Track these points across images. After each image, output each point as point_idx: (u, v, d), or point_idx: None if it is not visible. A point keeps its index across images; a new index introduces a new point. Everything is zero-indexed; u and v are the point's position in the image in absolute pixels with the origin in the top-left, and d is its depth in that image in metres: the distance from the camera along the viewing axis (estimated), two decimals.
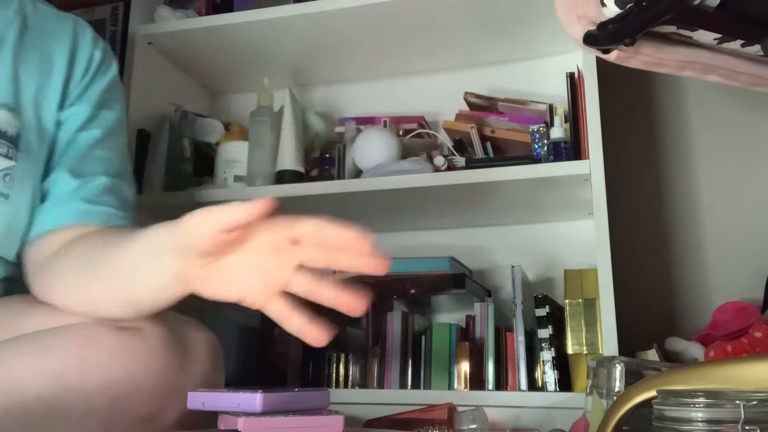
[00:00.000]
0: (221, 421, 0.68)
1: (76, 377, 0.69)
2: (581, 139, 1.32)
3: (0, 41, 0.88)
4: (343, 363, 1.38)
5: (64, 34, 0.94)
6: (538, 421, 1.19)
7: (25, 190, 0.85)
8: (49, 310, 0.77)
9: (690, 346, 1.28)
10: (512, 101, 1.50)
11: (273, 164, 1.45)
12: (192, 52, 1.60)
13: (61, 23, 0.96)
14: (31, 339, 0.71)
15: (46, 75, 0.91)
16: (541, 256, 1.53)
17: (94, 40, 0.98)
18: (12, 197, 0.83)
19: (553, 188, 1.33)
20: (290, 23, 1.46)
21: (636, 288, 1.46)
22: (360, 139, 1.45)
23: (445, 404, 1.15)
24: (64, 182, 0.88)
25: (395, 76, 1.69)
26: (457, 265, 1.40)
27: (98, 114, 0.94)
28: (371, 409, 1.24)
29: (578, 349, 1.23)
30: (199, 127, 1.55)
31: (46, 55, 0.92)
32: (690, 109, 1.60)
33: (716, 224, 1.53)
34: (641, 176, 1.58)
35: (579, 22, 0.80)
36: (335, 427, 0.65)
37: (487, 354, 1.31)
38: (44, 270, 0.83)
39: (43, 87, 0.90)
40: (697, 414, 0.59)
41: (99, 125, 0.93)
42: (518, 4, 1.40)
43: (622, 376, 0.84)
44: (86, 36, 0.96)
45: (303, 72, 1.70)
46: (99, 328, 0.72)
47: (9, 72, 0.87)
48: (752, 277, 1.42)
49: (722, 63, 0.84)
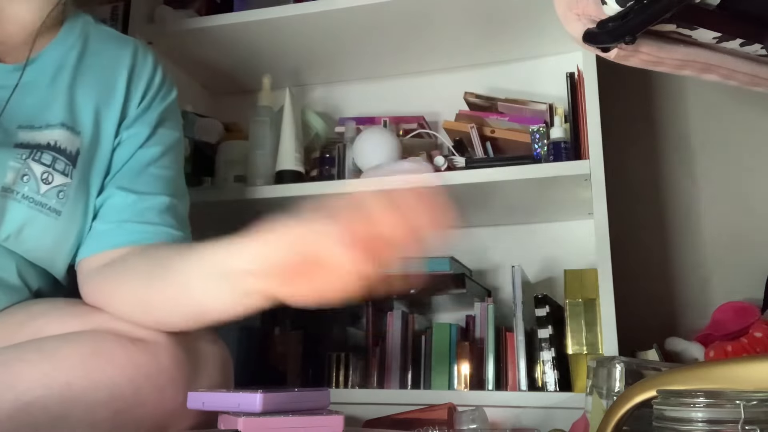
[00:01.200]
0: (221, 421, 0.68)
1: (81, 389, 0.68)
2: (581, 139, 1.32)
3: (61, 66, 0.91)
4: (343, 363, 1.38)
5: (124, 58, 0.96)
6: (538, 421, 1.19)
7: (77, 208, 0.86)
8: (67, 315, 0.77)
9: (690, 346, 1.28)
10: (512, 101, 1.50)
11: (273, 164, 1.45)
12: (192, 52, 1.59)
13: (121, 45, 0.98)
14: (38, 347, 0.71)
15: (106, 96, 0.92)
16: (541, 256, 1.53)
17: (155, 64, 0.99)
18: (64, 214, 0.85)
19: (553, 188, 1.33)
20: (290, 23, 1.46)
21: (636, 288, 1.46)
22: (360, 139, 1.45)
23: (445, 404, 1.15)
24: (119, 198, 0.88)
25: (395, 76, 1.69)
26: (457, 265, 1.40)
27: (155, 133, 0.95)
28: (371, 409, 1.24)
29: (578, 349, 1.23)
30: (199, 127, 1.55)
31: (106, 78, 0.93)
32: (690, 109, 1.60)
33: (716, 224, 1.52)
34: (641, 176, 1.58)
35: (579, 20, 0.80)
36: (335, 427, 0.65)
37: (487, 354, 1.31)
38: (100, 275, 0.83)
39: (103, 108, 0.91)
40: (697, 414, 0.58)
41: (156, 143, 0.94)
42: (518, 4, 1.40)
43: (622, 376, 0.83)
44: (147, 60, 0.98)
45: (303, 72, 1.70)
46: (107, 339, 0.72)
47: (66, 94, 0.89)
48: (752, 277, 1.42)
49: (721, 62, 0.84)
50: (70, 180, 0.85)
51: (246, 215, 1.62)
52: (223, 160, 1.51)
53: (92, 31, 0.97)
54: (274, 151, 1.46)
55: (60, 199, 0.84)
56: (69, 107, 0.89)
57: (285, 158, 1.45)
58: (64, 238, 0.86)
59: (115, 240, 0.86)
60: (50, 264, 0.87)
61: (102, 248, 0.86)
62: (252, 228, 0.69)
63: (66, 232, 0.86)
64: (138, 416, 0.70)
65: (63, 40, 0.93)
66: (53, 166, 0.84)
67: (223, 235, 0.73)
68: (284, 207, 0.66)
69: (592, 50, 0.83)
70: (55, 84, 0.90)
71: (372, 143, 1.43)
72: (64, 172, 0.85)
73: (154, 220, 0.88)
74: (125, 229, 0.86)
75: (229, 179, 1.49)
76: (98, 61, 0.94)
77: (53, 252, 0.86)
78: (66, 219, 0.85)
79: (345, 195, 0.65)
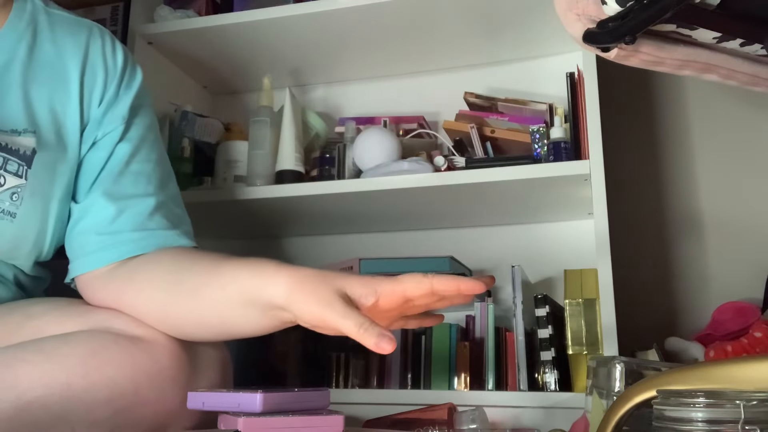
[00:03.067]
0: (221, 421, 0.68)
1: (81, 388, 0.68)
2: (581, 139, 1.32)
3: (10, 61, 0.86)
4: (343, 363, 1.38)
5: (77, 45, 0.90)
6: (538, 421, 1.19)
7: (35, 209, 0.83)
8: (66, 315, 0.77)
9: (690, 346, 1.28)
10: (512, 101, 1.50)
11: (273, 164, 1.45)
12: (192, 52, 1.59)
13: (74, 30, 0.92)
14: (38, 347, 0.71)
15: (62, 91, 0.88)
16: (541, 256, 1.53)
17: (112, 47, 0.93)
18: (19, 216, 0.81)
19: (553, 188, 1.33)
20: (290, 23, 1.46)
21: (636, 288, 1.46)
22: (360, 139, 1.45)
23: (445, 404, 1.15)
24: (106, 205, 0.85)
25: (395, 76, 1.69)
26: (457, 265, 1.40)
27: (131, 125, 0.91)
28: (371, 409, 1.24)
29: (578, 349, 1.23)
30: (199, 127, 1.55)
31: (60, 69, 0.88)
32: (690, 109, 1.60)
33: (716, 224, 1.52)
34: (641, 176, 1.58)
35: (579, 20, 0.80)
36: (335, 427, 0.65)
37: (487, 354, 1.31)
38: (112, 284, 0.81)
39: (59, 106, 0.87)
40: (697, 414, 0.58)
41: (132, 137, 0.90)
42: (518, 4, 1.40)
43: (622, 376, 0.83)
44: (102, 49, 0.92)
45: (303, 72, 1.70)
46: (107, 339, 0.71)
47: (20, 93, 0.85)
48: (752, 277, 1.42)
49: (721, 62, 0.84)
50: (24, 181, 0.82)
51: (246, 215, 1.63)
52: (223, 160, 1.51)
53: (41, 19, 0.90)
54: (274, 151, 1.46)
55: (14, 201, 0.81)
56: (24, 109, 0.84)
57: (285, 158, 1.45)
58: (22, 241, 0.83)
59: (113, 253, 0.83)
60: (12, 261, 0.85)
61: (102, 263, 0.83)
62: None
63: (23, 234, 0.83)
64: (138, 416, 0.70)
65: (10, 30, 0.87)
66: (5, 168, 0.80)
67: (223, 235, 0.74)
68: (284, 207, 0.67)
69: (592, 50, 0.83)
70: (5, 81, 0.84)
71: (372, 143, 1.43)
72: (17, 173, 0.81)
73: (149, 225, 0.85)
74: (121, 240, 0.83)
75: (229, 179, 1.49)
76: (51, 51, 0.89)
77: (12, 253, 0.84)
78: (22, 221, 0.82)
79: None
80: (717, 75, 0.86)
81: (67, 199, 0.87)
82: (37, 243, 0.85)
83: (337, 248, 1.65)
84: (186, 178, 1.50)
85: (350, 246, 1.64)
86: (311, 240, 1.68)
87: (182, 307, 0.75)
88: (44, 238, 0.85)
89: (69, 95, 0.88)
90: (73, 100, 0.88)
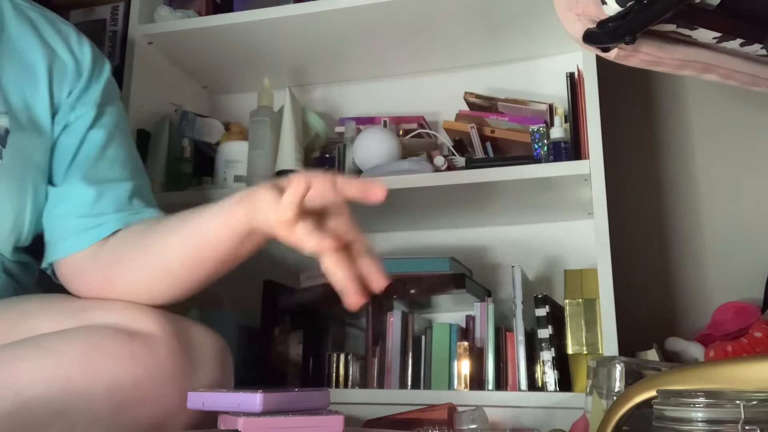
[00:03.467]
0: (221, 421, 0.68)
1: (81, 383, 0.68)
2: (581, 139, 1.32)
3: None
4: (343, 363, 1.38)
5: (43, 38, 0.92)
6: (538, 421, 1.19)
7: (9, 189, 0.84)
8: (63, 314, 0.77)
9: (690, 346, 1.28)
10: (512, 101, 1.50)
11: (273, 164, 1.45)
12: (192, 52, 1.59)
13: (39, 23, 0.94)
14: (37, 343, 0.71)
15: (30, 80, 0.89)
16: (541, 256, 1.53)
17: (78, 41, 0.95)
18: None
19: (553, 188, 1.33)
20: (290, 23, 1.46)
21: (636, 288, 1.46)
22: (360, 139, 1.45)
23: (445, 404, 1.15)
24: (84, 189, 0.87)
25: (395, 76, 1.69)
26: (457, 265, 1.40)
27: (103, 112, 0.93)
28: (371, 409, 1.24)
29: (578, 349, 1.23)
30: (199, 127, 1.55)
31: (27, 60, 0.90)
32: (690, 109, 1.60)
33: (716, 224, 1.52)
34: (641, 176, 1.58)
35: (579, 20, 0.80)
36: (335, 427, 0.65)
37: (487, 354, 1.31)
38: (94, 265, 0.84)
39: (29, 91, 0.89)
40: (697, 414, 0.58)
41: (105, 123, 0.93)
42: (518, 5, 1.40)
43: (622, 376, 0.83)
44: (65, 37, 0.94)
45: (303, 72, 1.70)
46: (105, 334, 0.72)
47: None
48: (752, 277, 1.42)
49: (721, 62, 0.84)
50: (0, 160, 0.83)
51: None
52: (223, 160, 1.51)
53: (5, 6, 0.92)
54: (274, 151, 1.46)
55: None
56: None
57: (285, 158, 1.45)
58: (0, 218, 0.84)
59: (96, 233, 0.85)
60: None
61: (85, 244, 0.85)
62: None
63: (0, 214, 0.84)
64: (137, 409, 0.71)
65: None
66: None
67: None
68: None
69: (592, 50, 0.83)
70: None
71: (372, 143, 1.43)
72: None
73: (130, 207, 0.88)
74: (104, 220, 0.86)
75: (229, 179, 1.48)
76: (16, 45, 0.90)
77: None
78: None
79: None
80: (717, 75, 0.86)
81: (43, 182, 0.88)
82: (16, 225, 0.86)
83: None
84: (186, 178, 1.50)
85: None
86: None
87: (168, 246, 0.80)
88: (23, 220, 0.86)
89: (37, 86, 0.90)
90: (42, 90, 0.90)
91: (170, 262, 0.80)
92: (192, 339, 0.77)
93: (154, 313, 0.76)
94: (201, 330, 0.79)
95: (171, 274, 0.81)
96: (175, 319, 0.77)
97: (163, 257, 0.81)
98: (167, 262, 0.81)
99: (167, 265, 0.81)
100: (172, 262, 0.80)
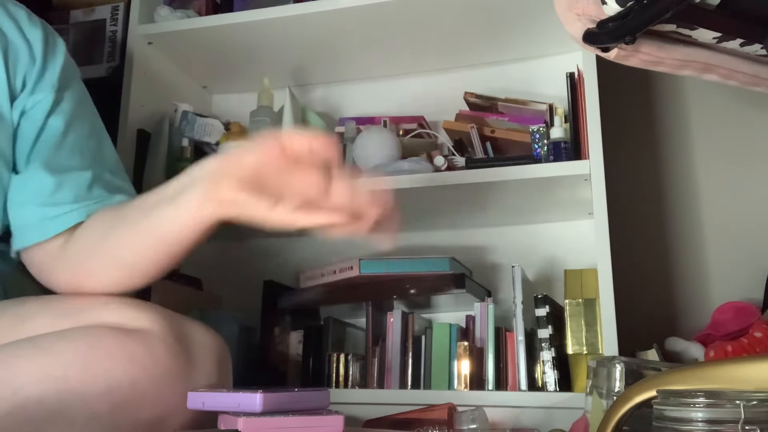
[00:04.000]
0: (221, 421, 0.68)
1: (78, 382, 0.68)
2: (581, 139, 1.32)
3: None
4: (343, 363, 1.38)
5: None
6: (538, 421, 1.19)
7: None
8: (59, 316, 0.77)
9: (690, 346, 1.28)
10: (512, 101, 1.50)
11: None
12: (192, 52, 1.59)
13: None
14: (34, 343, 0.71)
15: None
16: (541, 256, 1.53)
17: (30, 24, 0.94)
18: None
19: (553, 188, 1.33)
20: (290, 23, 1.46)
21: (636, 288, 1.46)
22: (360, 139, 1.45)
23: (445, 404, 1.15)
24: (45, 177, 0.87)
25: (395, 76, 1.69)
26: (457, 265, 1.40)
27: (63, 97, 0.92)
28: (371, 409, 1.24)
29: (578, 349, 1.23)
30: (199, 127, 1.55)
31: None
32: (690, 109, 1.60)
33: (716, 224, 1.53)
34: (641, 176, 1.58)
35: (579, 20, 0.80)
36: (335, 427, 0.65)
37: (487, 354, 1.31)
38: (63, 258, 0.84)
39: None
40: (697, 414, 0.58)
41: (65, 108, 0.92)
42: (518, 5, 1.40)
43: (622, 376, 0.83)
44: (16, 18, 0.93)
45: (303, 72, 1.70)
46: (103, 333, 0.71)
47: None
48: (752, 277, 1.42)
49: (721, 62, 0.84)
50: None
51: None
52: None
53: None
54: None
55: None
56: None
57: None
58: None
59: (57, 224, 0.85)
60: None
61: (47, 235, 0.85)
62: None
63: None
64: (135, 408, 0.70)
65: None
66: None
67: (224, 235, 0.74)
68: None
69: (592, 50, 0.83)
70: None
71: (372, 143, 1.43)
72: None
73: (89, 197, 0.87)
74: (64, 210, 0.86)
75: None
76: None
77: None
78: None
79: None
80: (717, 75, 0.86)
81: (7, 168, 0.88)
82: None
83: (337, 248, 1.64)
84: None
85: (350, 246, 1.64)
86: (311, 240, 1.68)
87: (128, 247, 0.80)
88: None
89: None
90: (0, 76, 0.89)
91: (135, 263, 0.81)
92: (190, 337, 0.77)
93: (153, 311, 0.76)
94: (199, 328, 0.79)
95: (136, 268, 0.81)
96: (173, 317, 0.77)
97: (125, 257, 0.81)
98: (132, 263, 0.81)
99: (131, 264, 0.81)
100: (137, 263, 0.81)
